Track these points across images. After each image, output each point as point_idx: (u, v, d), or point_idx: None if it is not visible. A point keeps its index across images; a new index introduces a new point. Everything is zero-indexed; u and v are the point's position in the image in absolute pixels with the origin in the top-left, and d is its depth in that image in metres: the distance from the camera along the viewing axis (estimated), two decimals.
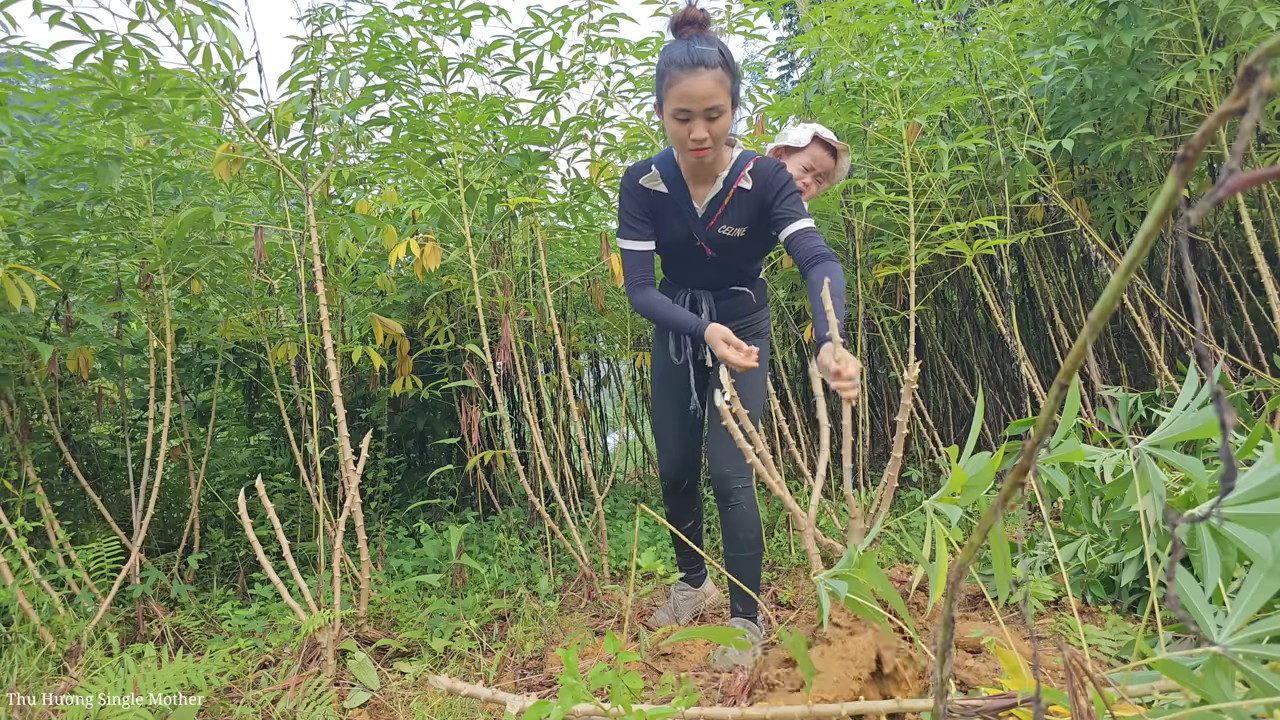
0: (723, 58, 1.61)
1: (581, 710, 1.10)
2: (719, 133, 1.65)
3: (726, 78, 1.60)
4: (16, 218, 2.13)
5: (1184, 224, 0.35)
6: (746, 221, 1.83)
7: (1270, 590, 0.88)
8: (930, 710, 1.07)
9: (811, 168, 2.11)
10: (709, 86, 1.58)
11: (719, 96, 1.59)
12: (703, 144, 1.65)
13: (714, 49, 1.60)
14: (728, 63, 1.62)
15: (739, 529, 1.87)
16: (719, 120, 1.63)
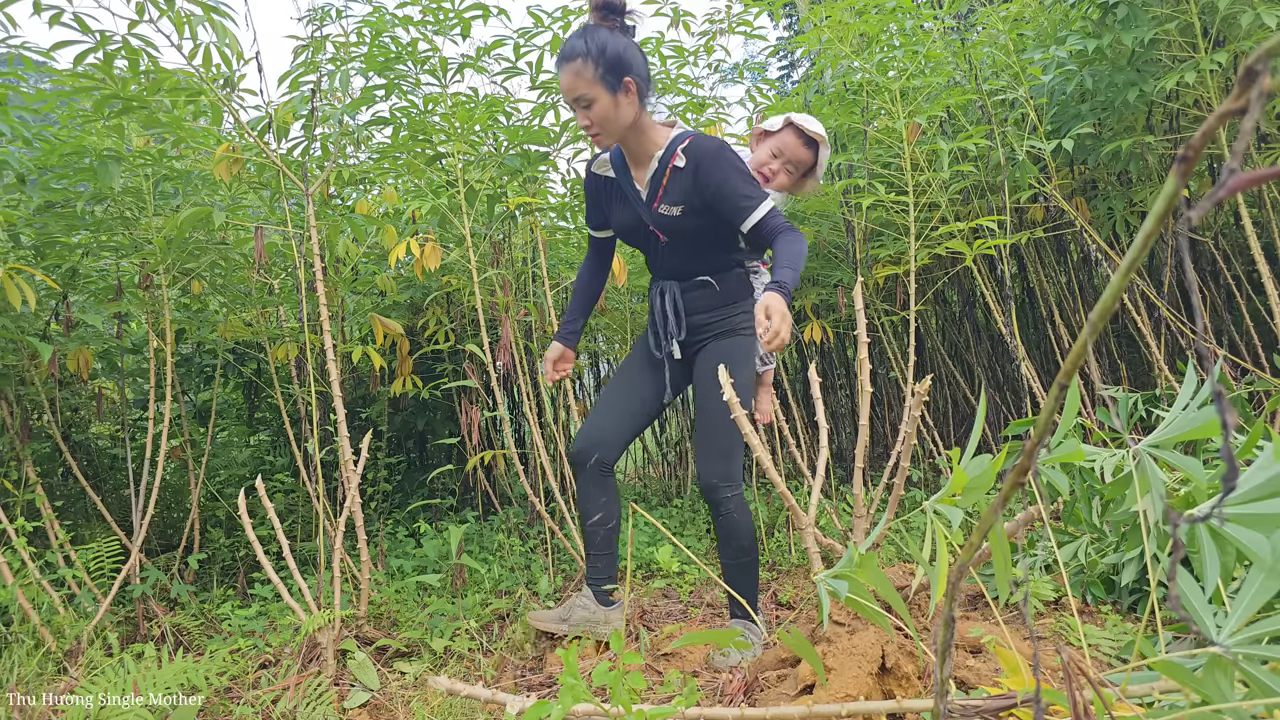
0: (587, 47, 1.64)
1: (581, 710, 1.10)
2: (600, 118, 1.69)
3: (587, 66, 1.64)
4: (16, 218, 2.13)
5: (1184, 224, 0.35)
6: (682, 199, 1.78)
7: (1270, 590, 0.88)
8: (930, 710, 1.07)
9: (779, 153, 1.95)
10: (568, 80, 1.66)
11: (579, 87, 1.65)
12: (589, 130, 1.72)
13: (582, 41, 1.65)
14: (590, 51, 1.64)
15: (732, 537, 1.82)
16: (594, 107, 1.67)
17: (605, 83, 1.66)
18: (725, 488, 1.79)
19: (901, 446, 1.48)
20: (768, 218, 1.71)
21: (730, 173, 1.73)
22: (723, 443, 1.80)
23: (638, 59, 1.71)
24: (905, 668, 1.38)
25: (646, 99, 1.76)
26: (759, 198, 1.72)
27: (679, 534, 3.13)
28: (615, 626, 1.95)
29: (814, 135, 1.93)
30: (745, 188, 1.72)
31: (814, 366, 2.09)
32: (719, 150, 1.75)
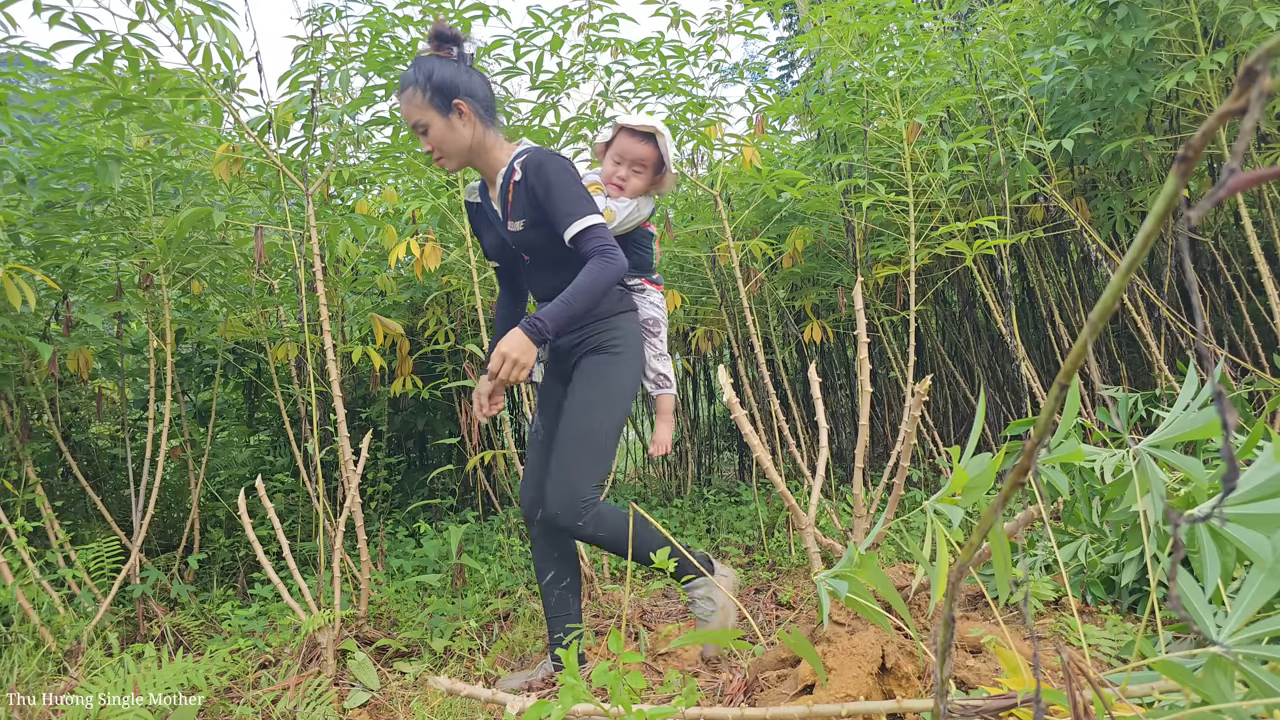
0: (415, 76, 1.69)
1: (581, 710, 1.10)
2: (436, 141, 1.72)
3: (417, 94, 1.68)
4: (16, 218, 2.13)
5: (1184, 224, 0.35)
6: (523, 214, 1.74)
7: (1270, 590, 0.88)
8: (931, 710, 1.07)
9: (621, 158, 1.86)
10: (404, 108, 1.72)
11: (414, 114, 1.70)
12: (431, 155, 1.75)
13: (412, 70, 1.70)
14: (418, 79, 1.69)
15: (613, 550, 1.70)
16: (430, 131, 1.71)
17: (436, 107, 1.69)
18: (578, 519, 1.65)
19: (901, 446, 1.47)
20: (586, 232, 1.65)
21: (554, 182, 1.68)
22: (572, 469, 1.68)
23: (470, 81, 1.72)
24: (905, 668, 1.38)
25: (488, 120, 1.75)
26: (581, 212, 1.65)
27: (679, 534, 3.13)
28: None
29: (644, 129, 1.84)
30: (568, 199, 1.67)
31: (814, 366, 2.09)
32: (547, 160, 1.71)
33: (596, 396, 1.73)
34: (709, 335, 3.49)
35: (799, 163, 3.43)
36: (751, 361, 3.58)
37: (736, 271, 2.69)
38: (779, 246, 3.18)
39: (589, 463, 1.69)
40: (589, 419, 1.71)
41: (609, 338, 1.79)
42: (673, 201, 3.34)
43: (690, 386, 4.39)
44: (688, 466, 4.08)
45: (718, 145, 2.85)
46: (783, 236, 3.30)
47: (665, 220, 2.96)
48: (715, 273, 3.24)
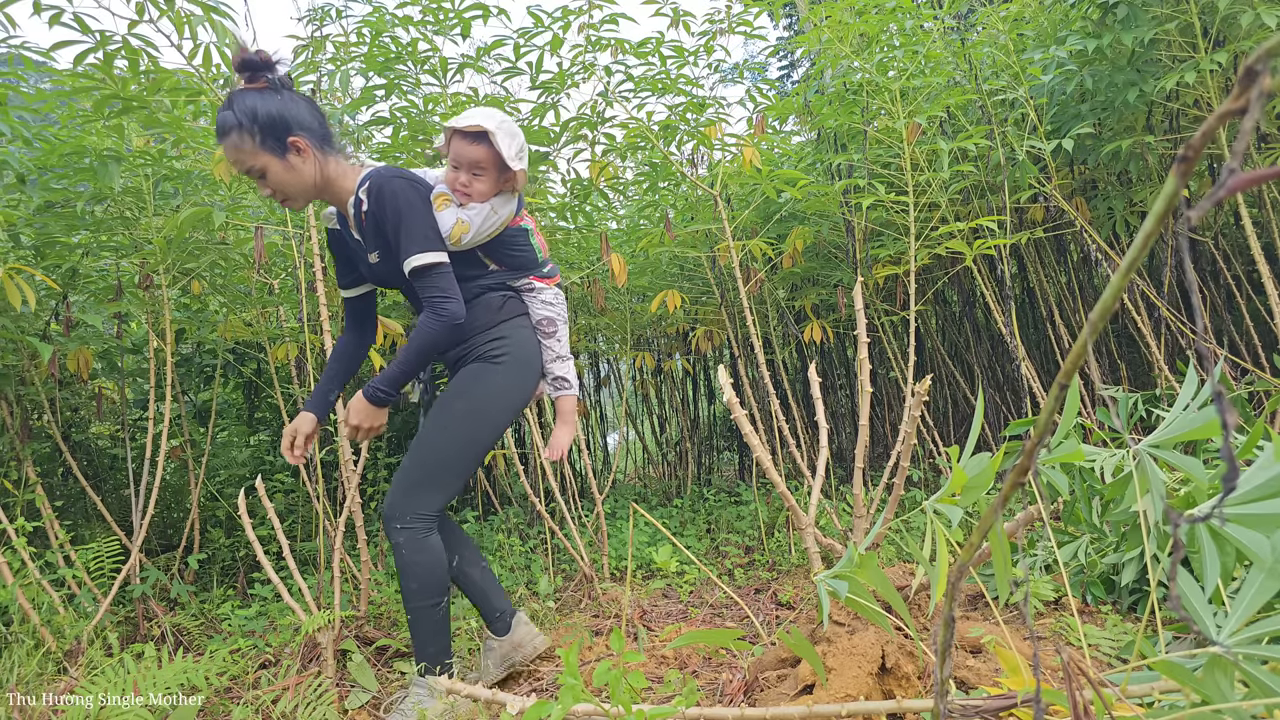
0: (237, 118, 1.52)
1: (581, 710, 1.10)
2: (278, 185, 1.59)
3: (244, 137, 1.53)
4: (16, 218, 2.13)
5: (1184, 224, 0.35)
6: (376, 244, 1.67)
7: (1270, 590, 0.88)
8: (931, 710, 1.07)
9: (457, 164, 1.71)
10: (231, 155, 1.56)
11: (245, 160, 1.55)
12: (273, 197, 1.62)
13: (230, 112, 1.53)
14: (241, 121, 1.52)
15: (402, 576, 1.64)
16: (268, 175, 1.57)
17: (269, 149, 1.55)
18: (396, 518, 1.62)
19: (901, 446, 1.47)
20: (418, 273, 1.59)
21: (399, 210, 1.59)
22: (414, 475, 1.64)
23: (300, 112, 1.58)
24: (905, 668, 1.38)
25: (327, 148, 1.64)
26: (417, 248, 1.58)
27: (679, 534, 3.13)
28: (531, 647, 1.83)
29: (471, 129, 1.68)
30: (409, 231, 1.59)
31: (814, 366, 2.09)
32: (387, 183, 1.60)
33: (458, 409, 1.66)
34: (709, 335, 3.49)
35: (799, 163, 3.43)
36: (751, 361, 3.58)
37: (736, 271, 2.69)
38: (779, 246, 3.18)
39: (435, 472, 1.64)
40: (442, 434, 1.65)
41: (492, 347, 1.71)
42: (673, 202, 3.35)
43: (690, 386, 4.39)
44: (688, 466, 4.09)
45: (718, 145, 2.85)
46: (783, 236, 3.30)
47: (665, 220, 2.96)
48: (715, 273, 3.24)
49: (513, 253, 1.78)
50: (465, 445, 1.66)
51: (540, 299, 1.81)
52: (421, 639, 1.66)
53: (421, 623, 1.65)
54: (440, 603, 1.66)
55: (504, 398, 1.70)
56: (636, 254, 3.36)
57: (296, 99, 1.60)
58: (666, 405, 4.38)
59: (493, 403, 1.68)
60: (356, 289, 1.84)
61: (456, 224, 1.67)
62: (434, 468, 1.64)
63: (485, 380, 1.69)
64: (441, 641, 1.68)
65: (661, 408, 4.35)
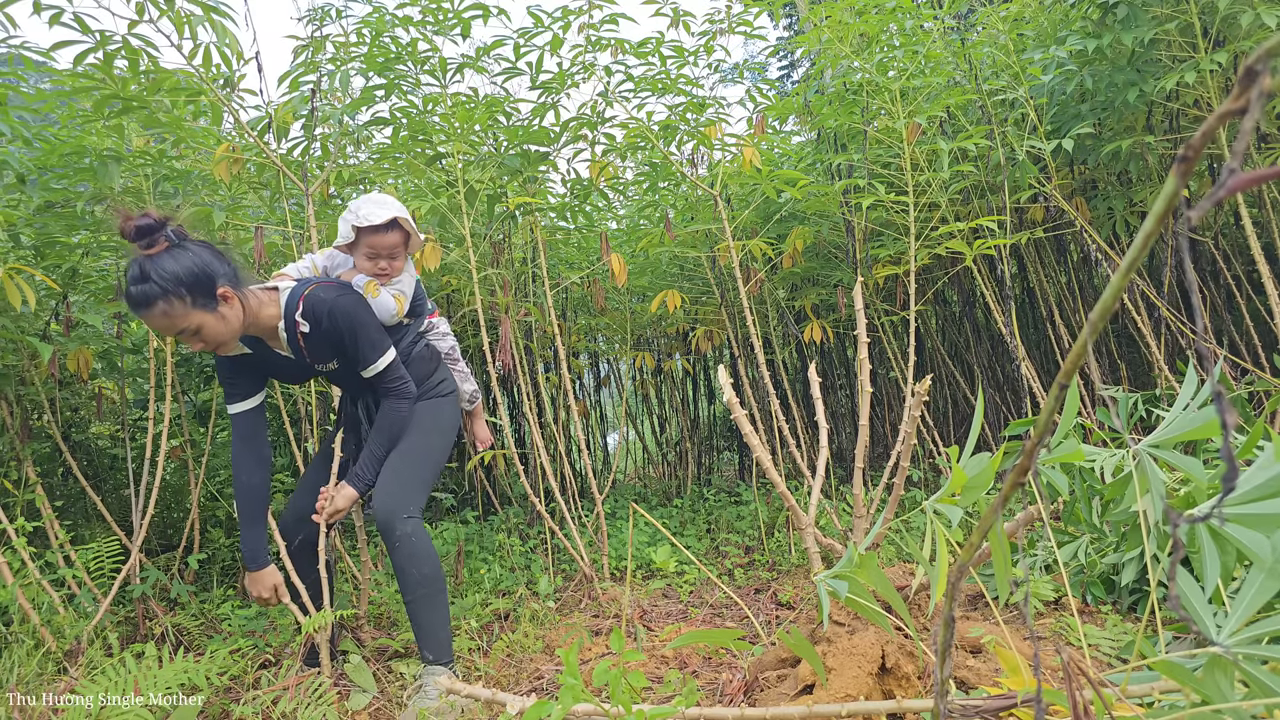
0: (162, 288, 1.48)
1: (581, 710, 1.10)
2: (213, 337, 1.59)
3: (174, 304, 1.50)
4: (16, 218, 2.13)
5: (1184, 224, 0.35)
6: (332, 355, 1.78)
7: (1270, 590, 0.88)
8: (931, 710, 1.07)
9: (375, 254, 1.81)
10: (161, 323, 1.53)
11: (179, 323, 1.53)
12: (205, 349, 1.64)
13: (149, 284, 1.48)
14: (167, 289, 1.49)
15: (412, 565, 1.74)
16: (203, 331, 1.57)
17: (201, 306, 1.54)
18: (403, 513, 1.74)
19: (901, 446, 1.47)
20: (382, 375, 1.79)
21: (354, 329, 1.73)
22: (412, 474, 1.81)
23: (212, 261, 1.56)
24: (905, 668, 1.38)
25: (242, 284, 1.64)
26: (376, 356, 1.77)
27: (679, 534, 3.13)
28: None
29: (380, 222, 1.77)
30: (367, 345, 1.75)
31: (814, 366, 2.09)
32: (330, 311, 1.69)
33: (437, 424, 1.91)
34: (709, 335, 3.49)
35: (799, 163, 3.43)
36: (751, 361, 3.58)
37: (736, 271, 2.69)
38: (779, 246, 3.18)
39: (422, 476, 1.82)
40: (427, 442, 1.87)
41: (441, 387, 1.97)
42: (673, 202, 3.35)
43: (690, 386, 4.39)
44: (688, 466, 4.08)
45: (718, 145, 2.85)
46: (783, 236, 3.30)
47: (665, 220, 2.96)
48: (715, 273, 3.24)
49: (418, 303, 1.98)
50: (439, 456, 1.90)
51: (439, 332, 2.04)
52: (435, 625, 1.75)
53: (436, 609, 1.76)
54: (443, 589, 1.79)
55: (455, 421, 1.99)
56: (636, 254, 3.36)
57: (200, 248, 1.58)
58: (666, 405, 4.38)
59: (450, 425, 1.96)
60: (252, 400, 1.82)
61: (398, 300, 1.85)
62: (427, 470, 1.84)
63: (443, 409, 1.96)
64: (449, 630, 1.79)
65: (661, 408, 4.35)
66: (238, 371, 1.80)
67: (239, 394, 1.81)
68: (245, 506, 1.80)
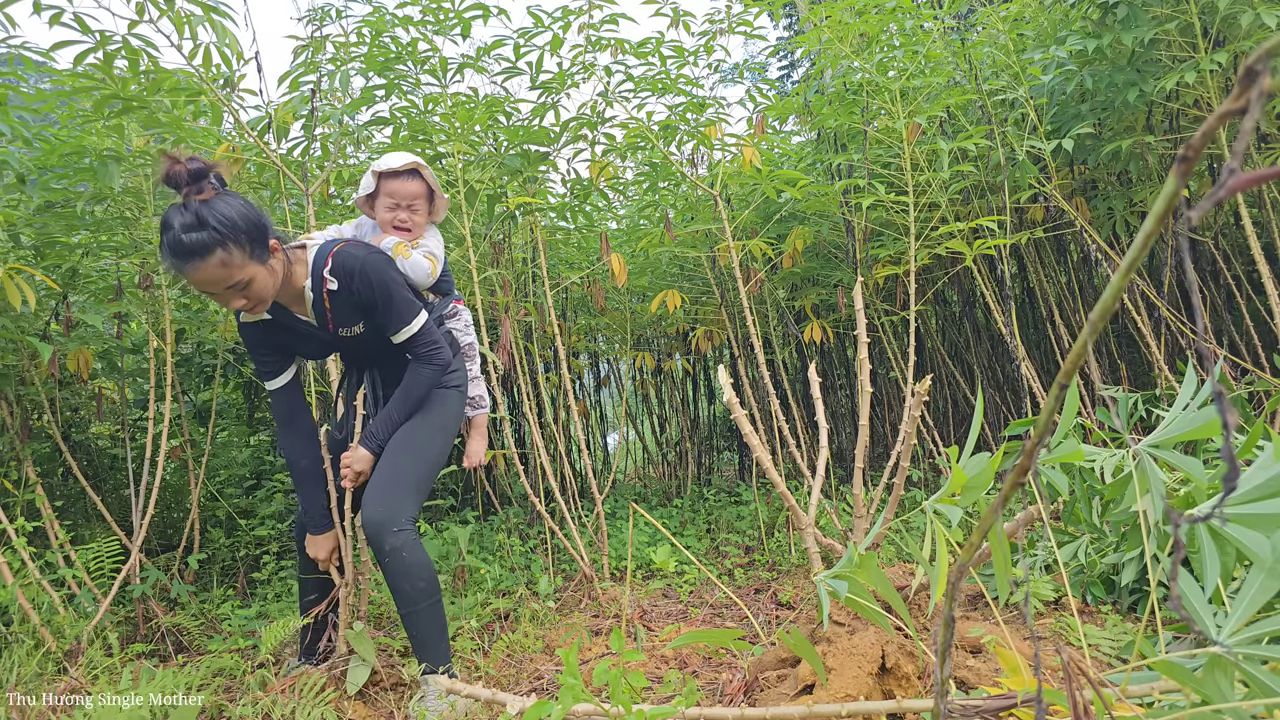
0: (221, 233, 1.41)
1: (581, 710, 1.10)
2: (260, 293, 1.53)
3: (232, 252, 1.43)
4: (16, 218, 2.13)
5: (1184, 224, 0.35)
6: (358, 318, 1.70)
7: (1270, 590, 0.88)
8: (931, 710, 1.07)
9: (396, 202, 1.80)
10: (217, 274, 1.44)
11: (234, 275, 1.46)
12: (246, 308, 1.56)
13: (206, 231, 1.40)
14: (225, 235, 1.42)
15: (405, 580, 1.64)
16: (252, 285, 1.50)
17: (256, 257, 1.49)
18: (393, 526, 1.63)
19: (901, 446, 1.47)
20: (414, 338, 1.71)
21: (385, 291, 1.65)
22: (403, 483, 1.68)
23: (260, 213, 1.51)
24: (905, 668, 1.38)
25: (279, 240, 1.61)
26: (409, 318, 1.69)
27: (679, 534, 3.13)
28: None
29: (405, 167, 1.79)
30: (398, 307, 1.68)
31: (814, 366, 2.09)
32: (363, 263, 1.63)
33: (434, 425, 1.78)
34: (709, 335, 3.49)
35: (799, 163, 3.43)
36: (751, 361, 3.58)
37: (736, 271, 2.69)
38: (779, 246, 3.18)
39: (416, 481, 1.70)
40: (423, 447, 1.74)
41: (452, 378, 1.86)
42: (673, 202, 3.35)
43: (690, 386, 4.39)
44: (688, 466, 4.08)
45: (718, 145, 2.85)
46: (783, 236, 3.30)
47: (665, 220, 2.96)
48: (715, 273, 3.24)
49: (444, 279, 1.89)
50: (438, 457, 1.78)
51: (462, 322, 1.96)
52: (432, 636, 1.68)
53: (430, 620, 1.68)
54: (440, 598, 1.71)
55: (459, 418, 1.88)
56: (636, 254, 3.36)
57: (246, 200, 1.52)
58: (666, 405, 4.38)
59: (454, 421, 1.85)
60: (285, 374, 1.79)
61: (430, 261, 1.78)
62: (419, 477, 1.72)
63: (448, 403, 1.83)
64: (447, 636, 1.73)
65: (661, 408, 4.35)
66: (262, 342, 1.74)
67: (270, 369, 1.76)
68: (303, 484, 1.80)
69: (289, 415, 1.79)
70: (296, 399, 1.80)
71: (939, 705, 0.84)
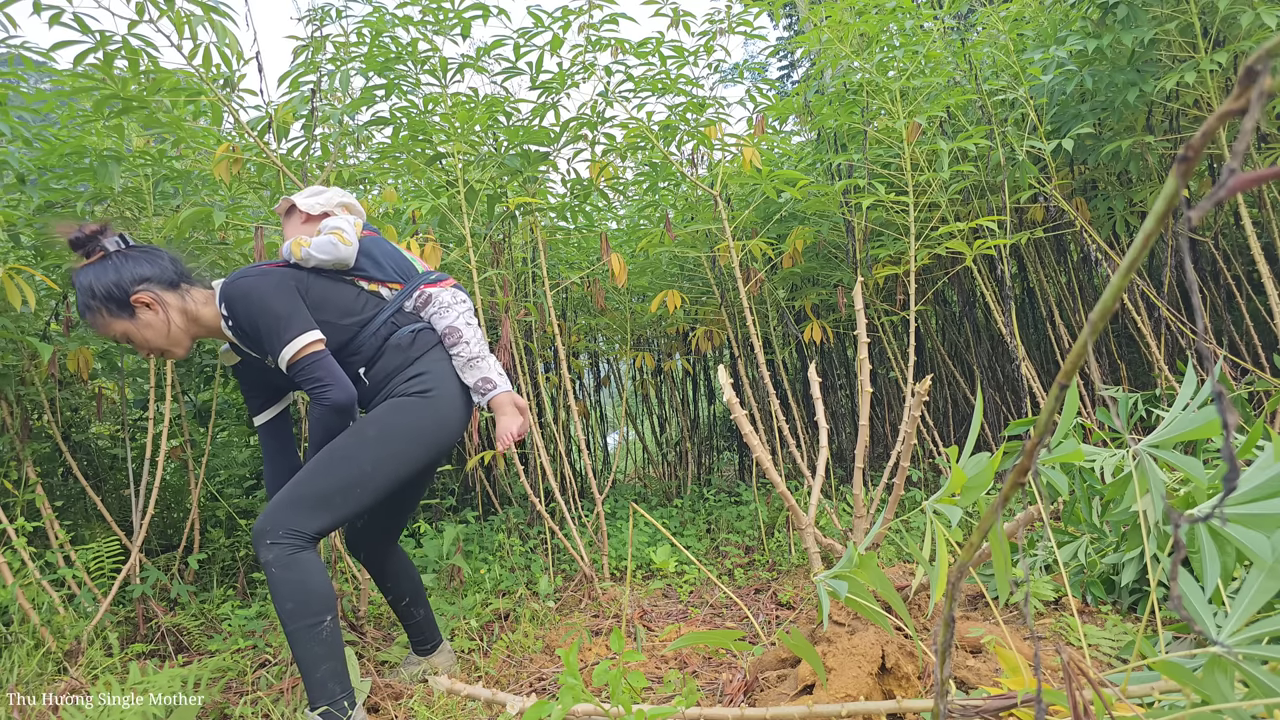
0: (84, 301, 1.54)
1: (581, 710, 1.10)
2: (143, 343, 1.59)
3: (97, 316, 1.55)
4: (16, 218, 2.13)
5: (1184, 224, 0.35)
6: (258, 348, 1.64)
7: (1270, 590, 0.88)
8: (931, 710, 1.07)
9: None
10: (99, 332, 1.59)
11: (110, 332, 1.58)
12: (152, 355, 1.63)
13: (79, 297, 1.55)
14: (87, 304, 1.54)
15: (274, 598, 1.46)
16: (133, 338, 1.58)
17: (117, 315, 1.56)
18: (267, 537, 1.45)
19: (901, 446, 1.47)
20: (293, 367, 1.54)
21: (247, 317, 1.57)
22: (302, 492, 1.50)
23: (135, 269, 1.56)
24: (905, 668, 1.38)
25: (177, 286, 1.61)
26: (278, 343, 1.54)
27: (679, 534, 3.13)
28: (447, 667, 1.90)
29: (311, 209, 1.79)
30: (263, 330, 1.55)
31: (814, 366, 2.09)
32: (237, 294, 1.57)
33: (369, 436, 1.56)
34: (709, 335, 3.49)
35: (799, 163, 3.43)
36: (751, 361, 3.58)
37: (736, 271, 2.69)
38: (779, 246, 3.18)
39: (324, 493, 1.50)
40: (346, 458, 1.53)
41: (411, 384, 1.63)
42: (673, 202, 3.35)
43: (690, 386, 4.39)
44: (688, 466, 4.08)
45: (718, 145, 2.85)
46: (783, 236, 3.30)
47: (665, 220, 2.96)
48: (715, 273, 3.24)
49: (388, 263, 1.74)
50: (366, 472, 1.53)
51: (438, 304, 1.72)
52: (307, 665, 1.43)
53: (302, 645, 1.43)
54: (322, 621, 1.44)
55: (424, 433, 1.60)
56: (636, 254, 3.36)
57: (134, 256, 1.58)
58: (666, 405, 4.38)
59: (406, 434, 1.58)
60: (268, 411, 1.79)
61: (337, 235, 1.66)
62: (327, 490, 1.50)
63: (404, 412, 1.60)
64: (332, 666, 1.45)
65: (661, 408, 4.35)
66: (241, 380, 1.78)
67: (253, 406, 1.79)
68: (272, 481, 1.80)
69: (275, 450, 1.79)
70: (281, 434, 1.79)
71: (939, 705, 0.84)
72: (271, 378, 1.75)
